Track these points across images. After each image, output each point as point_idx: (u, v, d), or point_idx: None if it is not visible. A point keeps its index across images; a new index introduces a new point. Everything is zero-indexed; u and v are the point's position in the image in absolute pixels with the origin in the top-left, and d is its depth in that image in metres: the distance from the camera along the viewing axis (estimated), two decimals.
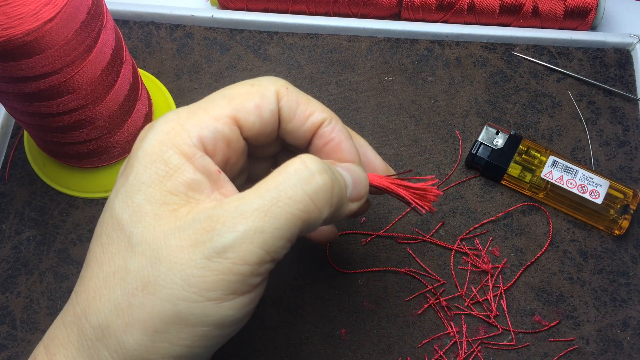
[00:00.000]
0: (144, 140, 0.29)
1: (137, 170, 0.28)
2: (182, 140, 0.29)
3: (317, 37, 0.53)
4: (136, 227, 0.28)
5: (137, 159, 0.29)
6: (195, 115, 0.29)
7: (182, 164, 0.28)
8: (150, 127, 0.30)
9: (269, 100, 0.31)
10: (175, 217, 0.28)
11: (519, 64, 0.52)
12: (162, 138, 0.29)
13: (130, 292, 0.27)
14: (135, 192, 0.28)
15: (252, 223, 0.27)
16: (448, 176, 0.48)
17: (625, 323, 0.44)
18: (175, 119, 0.29)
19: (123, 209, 0.28)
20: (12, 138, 0.50)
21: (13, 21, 0.33)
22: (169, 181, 0.28)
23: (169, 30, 0.54)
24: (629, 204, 0.46)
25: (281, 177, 0.28)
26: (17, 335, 0.44)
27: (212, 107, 0.30)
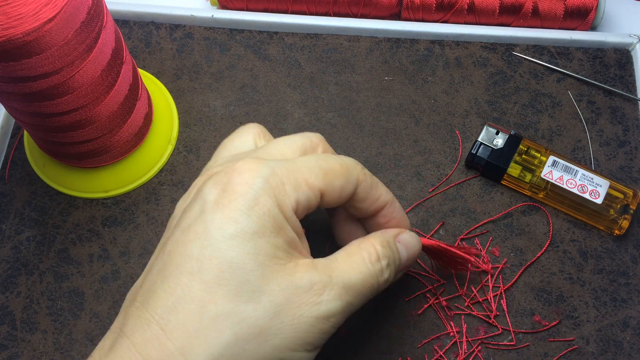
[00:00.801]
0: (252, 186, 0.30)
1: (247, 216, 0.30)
2: (283, 201, 0.31)
3: (317, 37, 0.53)
4: (251, 274, 0.29)
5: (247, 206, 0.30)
6: (295, 177, 0.32)
7: (284, 223, 0.31)
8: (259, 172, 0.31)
9: (351, 184, 0.35)
10: (285, 272, 0.30)
11: (519, 64, 0.52)
12: (272, 192, 0.31)
13: (245, 338, 0.29)
14: (248, 239, 0.30)
15: (350, 297, 0.33)
16: (448, 176, 0.48)
17: (625, 323, 0.44)
18: (281, 174, 0.31)
19: (235, 252, 0.29)
20: (12, 138, 0.50)
21: (13, 21, 0.33)
22: (276, 237, 0.31)
23: (169, 30, 0.54)
24: (629, 204, 0.46)
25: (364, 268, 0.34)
26: (17, 335, 0.44)
27: (309, 175, 0.32)
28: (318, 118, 0.50)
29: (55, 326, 0.44)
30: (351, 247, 0.35)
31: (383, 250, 0.35)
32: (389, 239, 0.36)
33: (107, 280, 0.45)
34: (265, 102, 0.51)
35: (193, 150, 0.49)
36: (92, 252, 0.46)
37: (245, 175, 0.31)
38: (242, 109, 0.51)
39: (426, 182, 0.48)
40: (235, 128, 0.40)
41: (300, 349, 0.31)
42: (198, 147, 0.50)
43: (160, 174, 0.49)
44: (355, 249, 0.34)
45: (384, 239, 0.36)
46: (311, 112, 0.51)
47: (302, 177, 0.32)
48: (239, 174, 0.31)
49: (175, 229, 0.32)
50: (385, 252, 0.35)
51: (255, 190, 0.30)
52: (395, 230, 0.38)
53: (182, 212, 0.33)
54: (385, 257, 0.35)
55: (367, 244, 0.35)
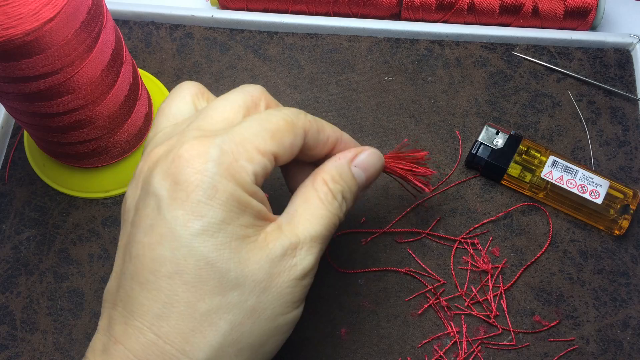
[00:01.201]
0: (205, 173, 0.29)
1: (211, 207, 0.29)
2: (241, 178, 0.31)
3: (317, 37, 0.53)
4: (229, 263, 0.30)
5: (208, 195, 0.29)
6: (245, 149, 0.31)
7: (249, 199, 0.31)
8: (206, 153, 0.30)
9: (300, 137, 0.34)
10: (258, 247, 0.31)
11: (519, 64, 0.52)
12: (227, 173, 0.30)
13: (239, 322, 0.30)
14: (217, 230, 0.29)
15: (319, 246, 0.33)
16: (448, 176, 0.48)
17: (625, 323, 0.44)
18: (228, 151, 0.30)
19: (209, 248, 0.29)
20: (12, 138, 0.50)
21: (13, 21, 0.33)
22: (243, 216, 0.31)
23: (169, 30, 0.54)
24: (629, 204, 0.46)
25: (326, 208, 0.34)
26: (17, 335, 0.44)
27: (258, 141, 0.32)
28: None
29: (55, 326, 0.44)
30: (306, 190, 0.34)
31: (335, 185, 0.34)
32: (341, 167, 0.35)
33: (107, 280, 0.45)
34: None
35: None
36: (92, 252, 0.46)
37: (195, 163, 0.29)
38: None
39: None
40: None
41: (290, 310, 0.32)
42: None
43: None
44: (310, 192, 0.34)
45: (335, 171, 0.35)
46: (311, 112, 0.50)
47: (252, 147, 0.31)
48: (188, 162, 0.29)
49: (135, 229, 0.31)
50: (338, 186, 0.34)
51: (210, 177, 0.29)
52: (350, 154, 0.36)
53: (135, 207, 0.31)
54: (339, 191, 0.34)
55: (319, 182, 0.34)
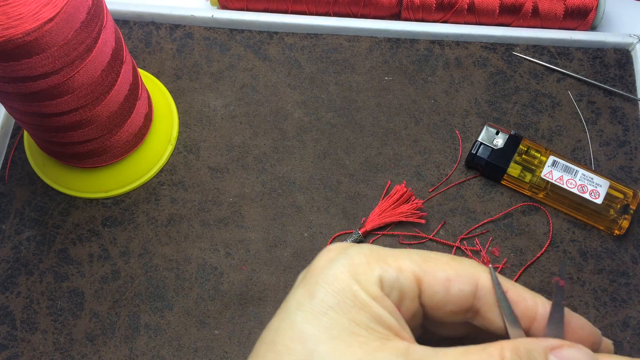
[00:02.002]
0: (333, 262, 0.29)
1: (325, 291, 0.28)
2: (367, 279, 0.28)
3: (317, 37, 0.53)
4: (322, 345, 0.28)
5: (326, 282, 0.29)
6: (383, 258, 0.29)
7: (369, 300, 0.28)
8: (342, 252, 0.30)
9: (464, 280, 0.29)
10: (366, 348, 0.27)
11: (519, 64, 0.52)
12: (352, 269, 0.28)
13: None
14: (323, 313, 0.28)
15: None
16: (448, 176, 0.48)
17: (625, 323, 0.44)
18: (367, 253, 0.29)
19: (308, 324, 0.28)
20: (12, 138, 0.50)
21: (13, 21, 0.33)
22: (357, 314, 0.28)
23: (169, 30, 0.54)
24: (629, 204, 0.46)
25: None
26: (17, 335, 0.44)
27: (402, 258, 0.29)
28: (318, 118, 0.50)
29: (55, 326, 0.44)
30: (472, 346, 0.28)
31: (512, 356, 0.27)
32: (533, 347, 0.28)
33: (107, 280, 0.45)
34: (265, 102, 0.51)
35: (193, 150, 0.49)
36: (92, 252, 0.46)
37: (328, 254, 0.30)
38: (242, 109, 0.51)
39: (426, 182, 0.48)
40: (235, 128, 0.40)
41: None
42: (198, 147, 0.50)
43: (160, 174, 0.49)
44: (475, 348, 0.27)
45: (523, 346, 0.27)
46: (311, 112, 0.51)
47: (393, 259, 0.29)
48: (323, 254, 0.30)
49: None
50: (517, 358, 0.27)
51: (333, 266, 0.29)
52: (554, 342, 0.28)
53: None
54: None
55: (494, 346, 0.27)
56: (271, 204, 0.48)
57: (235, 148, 0.49)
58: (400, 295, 0.29)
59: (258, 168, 0.49)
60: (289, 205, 0.47)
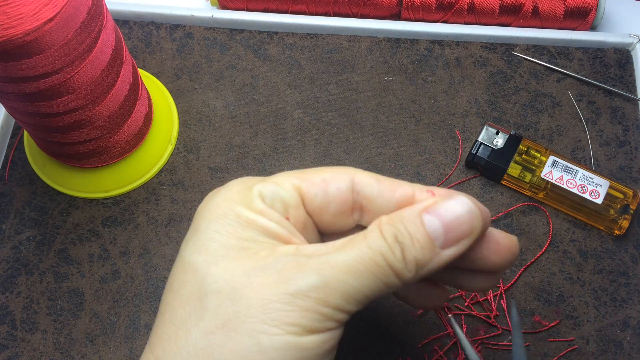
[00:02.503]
0: (213, 197, 0.30)
1: (208, 220, 0.29)
2: (248, 198, 0.29)
3: (317, 37, 0.53)
4: (212, 268, 0.27)
5: (209, 212, 0.29)
6: (260, 180, 0.30)
7: (254, 216, 0.29)
8: (221, 187, 0.31)
9: (339, 177, 0.30)
10: (255, 258, 0.27)
11: (519, 64, 0.52)
12: (231, 195, 0.29)
13: (210, 331, 0.27)
14: (209, 239, 0.28)
15: (337, 273, 0.27)
16: (448, 176, 0.48)
17: (625, 323, 0.44)
18: (244, 180, 0.30)
19: (195, 255, 0.28)
20: (12, 138, 0.50)
21: (13, 21, 0.33)
22: (244, 230, 0.28)
23: (169, 30, 0.54)
24: (629, 204, 0.46)
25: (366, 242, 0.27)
26: (17, 335, 0.44)
27: (280, 176, 0.30)
28: (318, 118, 0.50)
29: (55, 326, 0.44)
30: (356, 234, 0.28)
31: (388, 227, 0.27)
32: (405, 213, 0.28)
33: (107, 280, 0.45)
34: (265, 102, 0.51)
35: (193, 150, 0.49)
36: (92, 252, 0.46)
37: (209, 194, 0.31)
38: (242, 109, 0.51)
39: (426, 182, 0.48)
40: (236, 128, 0.40)
41: (282, 332, 0.26)
42: (198, 147, 0.50)
43: (160, 174, 0.49)
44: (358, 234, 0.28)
45: (396, 214, 0.28)
46: (311, 112, 0.51)
47: (270, 179, 0.30)
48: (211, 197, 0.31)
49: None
50: (391, 228, 0.27)
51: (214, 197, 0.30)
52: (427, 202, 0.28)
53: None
54: (391, 233, 0.27)
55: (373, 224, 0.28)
56: None
57: (235, 148, 0.49)
58: (284, 206, 0.30)
59: (258, 168, 0.49)
60: None
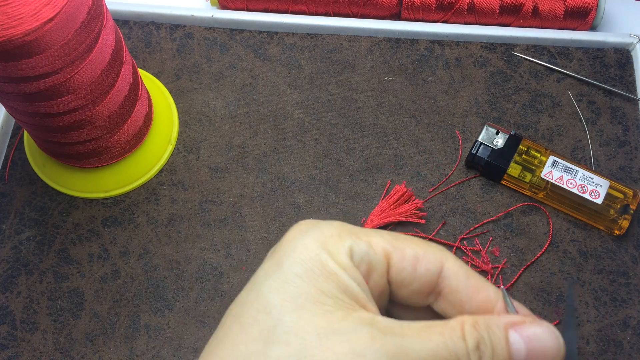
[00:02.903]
0: (303, 234, 0.29)
1: (292, 260, 0.28)
2: (337, 249, 0.28)
3: (317, 37, 0.53)
4: (287, 315, 0.27)
5: (295, 251, 0.28)
6: (355, 232, 0.29)
7: (337, 270, 0.28)
8: (314, 225, 0.30)
9: (431, 259, 0.29)
10: (331, 318, 0.27)
11: (519, 64, 0.52)
12: (322, 240, 0.29)
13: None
14: (289, 281, 0.28)
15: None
16: (448, 176, 0.48)
17: (625, 323, 0.44)
18: (339, 227, 0.29)
19: (273, 294, 0.27)
20: (12, 138, 0.50)
21: (13, 21, 0.33)
22: (324, 282, 0.28)
23: (169, 30, 0.54)
24: (629, 204, 0.46)
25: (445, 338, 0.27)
26: (17, 335, 0.44)
27: (373, 234, 0.29)
28: (318, 118, 0.50)
29: (55, 326, 0.44)
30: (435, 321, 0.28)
31: (472, 330, 0.27)
32: (492, 322, 0.28)
33: (107, 280, 0.45)
34: (265, 102, 0.51)
35: (193, 150, 0.49)
36: (92, 252, 0.46)
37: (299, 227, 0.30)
38: (242, 109, 0.51)
39: (426, 182, 0.48)
40: (236, 128, 0.40)
41: None
42: (198, 147, 0.50)
43: (160, 174, 0.49)
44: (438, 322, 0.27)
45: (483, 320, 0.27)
46: (311, 112, 0.51)
47: (364, 234, 0.29)
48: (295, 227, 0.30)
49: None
50: (475, 333, 0.27)
51: (303, 237, 0.29)
52: (514, 318, 0.28)
53: None
54: (474, 338, 0.27)
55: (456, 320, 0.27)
56: (271, 204, 0.48)
57: (235, 148, 0.49)
58: (369, 268, 0.29)
59: (258, 168, 0.49)
60: (289, 205, 0.47)
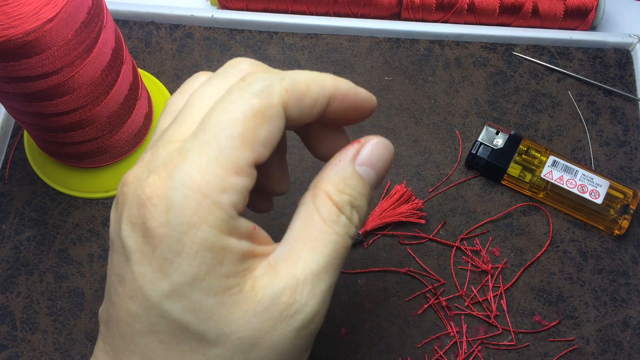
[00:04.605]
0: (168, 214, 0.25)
1: (181, 265, 0.25)
2: (216, 218, 0.25)
3: (317, 37, 0.53)
4: (206, 324, 0.25)
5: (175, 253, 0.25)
6: (215, 176, 0.25)
7: (227, 244, 0.26)
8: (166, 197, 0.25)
9: (277, 121, 0.27)
10: (243, 299, 0.26)
11: (519, 64, 0.52)
12: (190, 219, 0.25)
13: None
14: (188, 290, 0.25)
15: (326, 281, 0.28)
16: (448, 176, 0.48)
17: (625, 323, 0.44)
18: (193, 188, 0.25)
19: (180, 310, 0.25)
20: (12, 138, 0.50)
21: (13, 21, 0.33)
22: (222, 266, 0.25)
23: (169, 30, 0.54)
24: (629, 204, 0.46)
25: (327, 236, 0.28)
26: (17, 335, 0.44)
27: (227, 158, 0.25)
28: None
29: (55, 326, 0.44)
30: (306, 209, 0.28)
31: (341, 196, 0.28)
32: (344, 171, 0.29)
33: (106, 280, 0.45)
34: None
35: None
36: (92, 252, 0.46)
37: (157, 213, 0.25)
38: None
39: (426, 182, 0.48)
40: None
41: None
42: None
43: None
44: (311, 212, 0.28)
45: (338, 177, 0.29)
46: None
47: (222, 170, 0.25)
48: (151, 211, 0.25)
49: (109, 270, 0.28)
50: (344, 196, 0.28)
51: (173, 230, 0.25)
52: (350, 151, 0.30)
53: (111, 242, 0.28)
54: (347, 202, 0.28)
55: (321, 196, 0.28)
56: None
57: None
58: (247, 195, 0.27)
59: None
60: (289, 205, 0.47)
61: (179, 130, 0.27)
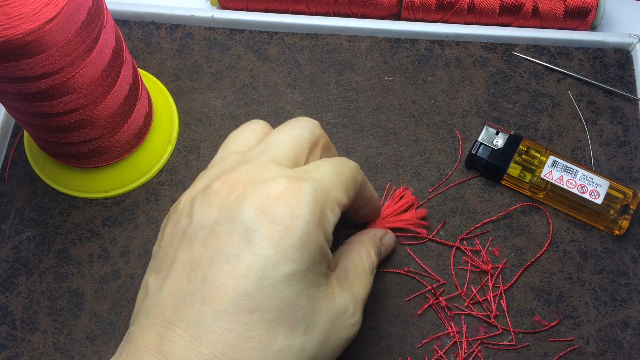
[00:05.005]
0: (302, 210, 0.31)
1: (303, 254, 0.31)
2: (327, 229, 0.33)
3: (317, 37, 0.53)
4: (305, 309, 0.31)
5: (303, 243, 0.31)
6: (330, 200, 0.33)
7: (328, 250, 0.33)
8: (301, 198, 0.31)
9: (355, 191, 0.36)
10: (328, 297, 0.33)
11: (519, 64, 0.52)
12: (316, 221, 0.31)
13: None
14: (303, 277, 0.31)
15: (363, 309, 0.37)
16: (448, 176, 0.48)
17: (625, 323, 0.44)
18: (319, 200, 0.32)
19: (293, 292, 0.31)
20: (12, 138, 0.50)
21: (13, 21, 0.33)
22: (321, 265, 0.32)
23: (169, 30, 0.54)
24: (629, 204, 0.46)
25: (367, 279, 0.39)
26: (17, 335, 0.44)
27: (336, 192, 0.34)
28: (318, 118, 0.50)
29: (55, 326, 0.44)
30: (353, 255, 0.39)
31: (374, 258, 0.40)
32: (376, 244, 0.42)
33: (107, 280, 0.45)
34: (265, 102, 0.51)
35: (193, 150, 0.49)
36: (92, 252, 0.46)
37: (292, 207, 0.31)
38: (242, 109, 0.51)
39: (426, 182, 0.48)
40: (236, 128, 0.40)
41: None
42: (198, 147, 0.50)
43: (160, 174, 0.49)
44: (357, 258, 0.39)
45: (375, 247, 0.41)
46: (311, 112, 0.51)
47: (334, 198, 0.33)
48: (285, 205, 0.31)
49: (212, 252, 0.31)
50: (375, 259, 0.41)
51: (305, 224, 0.31)
52: (380, 233, 0.43)
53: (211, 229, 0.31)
54: (375, 262, 0.40)
55: (365, 252, 0.40)
56: None
57: None
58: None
59: None
60: None
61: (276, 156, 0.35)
